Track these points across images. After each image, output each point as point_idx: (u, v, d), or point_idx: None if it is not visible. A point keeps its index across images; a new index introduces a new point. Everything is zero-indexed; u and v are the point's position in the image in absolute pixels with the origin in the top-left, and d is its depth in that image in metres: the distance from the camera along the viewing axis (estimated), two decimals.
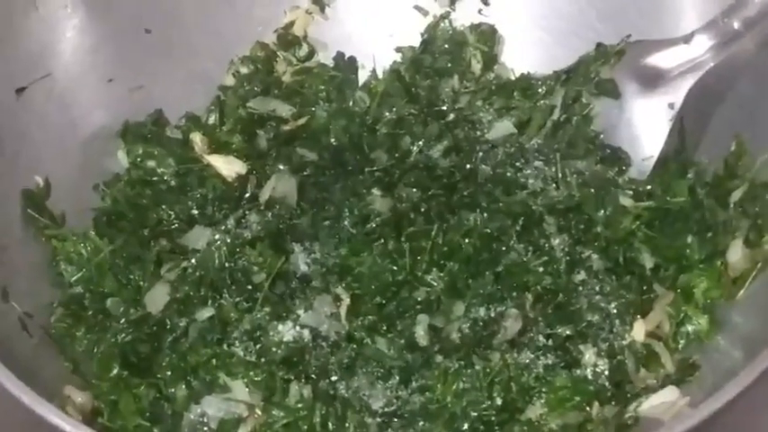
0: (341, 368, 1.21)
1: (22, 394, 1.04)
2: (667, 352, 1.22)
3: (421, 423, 1.17)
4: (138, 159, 1.41)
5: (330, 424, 1.17)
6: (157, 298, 1.26)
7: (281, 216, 1.33)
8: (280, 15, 1.55)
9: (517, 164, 1.39)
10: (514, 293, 1.25)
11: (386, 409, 1.19)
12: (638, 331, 1.23)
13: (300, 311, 1.24)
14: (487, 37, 1.53)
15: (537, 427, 1.16)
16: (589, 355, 1.21)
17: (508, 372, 1.19)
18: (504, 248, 1.28)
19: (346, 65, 1.54)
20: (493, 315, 1.23)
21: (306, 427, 1.16)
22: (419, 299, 1.25)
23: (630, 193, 1.33)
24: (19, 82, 1.33)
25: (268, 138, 1.44)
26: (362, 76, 1.54)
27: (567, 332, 1.22)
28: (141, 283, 1.28)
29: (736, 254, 1.24)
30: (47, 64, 1.37)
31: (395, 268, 1.26)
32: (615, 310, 1.25)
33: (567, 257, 1.28)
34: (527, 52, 1.52)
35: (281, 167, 1.39)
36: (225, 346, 1.22)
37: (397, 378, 1.20)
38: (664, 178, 1.34)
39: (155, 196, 1.38)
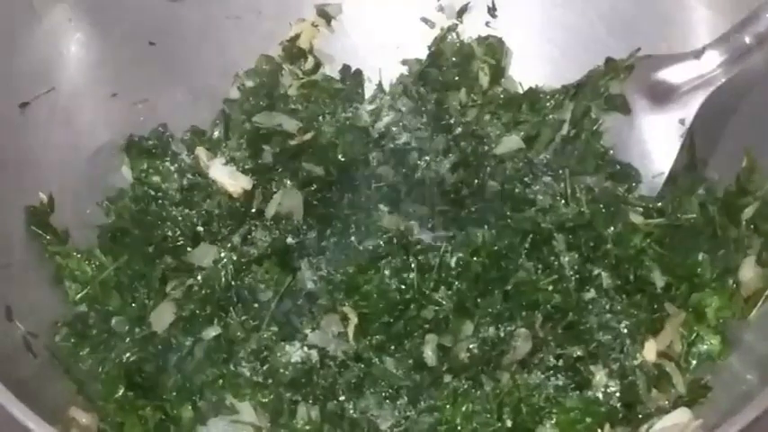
0: (349, 388, 1.20)
1: (24, 418, 1.03)
2: (679, 372, 1.21)
3: None
4: (143, 174, 1.40)
5: None
6: (163, 316, 1.24)
7: (287, 232, 1.31)
8: (285, 28, 1.53)
9: (525, 179, 1.37)
10: (524, 312, 1.23)
11: (394, 430, 1.18)
12: (650, 351, 1.22)
13: (307, 331, 1.22)
14: (495, 50, 1.51)
15: None
16: (600, 375, 1.19)
17: (518, 392, 1.18)
18: (512, 266, 1.27)
19: (352, 78, 1.53)
20: (502, 335, 1.22)
21: None
22: (427, 318, 1.23)
23: (641, 210, 1.32)
24: (22, 97, 1.32)
25: (274, 152, 1.42)
26: (369, 89, 1.52)
27: (578, 353, 1.20)
28: (146, 300, 1.27)
29: (749, 272, 1.23)
30: (50, 78, 1.36)
31: (402, 286, 1.25)
32: (626, 330, 1.23)
33: (577, 275, 1.27)
34: (535, 65, 1.50)
35: (287, 183, 1.37)
36: (231, 367, 1.21)
37: (406, 398, 1.19)
38: (674, 195, 1.32)
39: (159, 212, 1.36)
